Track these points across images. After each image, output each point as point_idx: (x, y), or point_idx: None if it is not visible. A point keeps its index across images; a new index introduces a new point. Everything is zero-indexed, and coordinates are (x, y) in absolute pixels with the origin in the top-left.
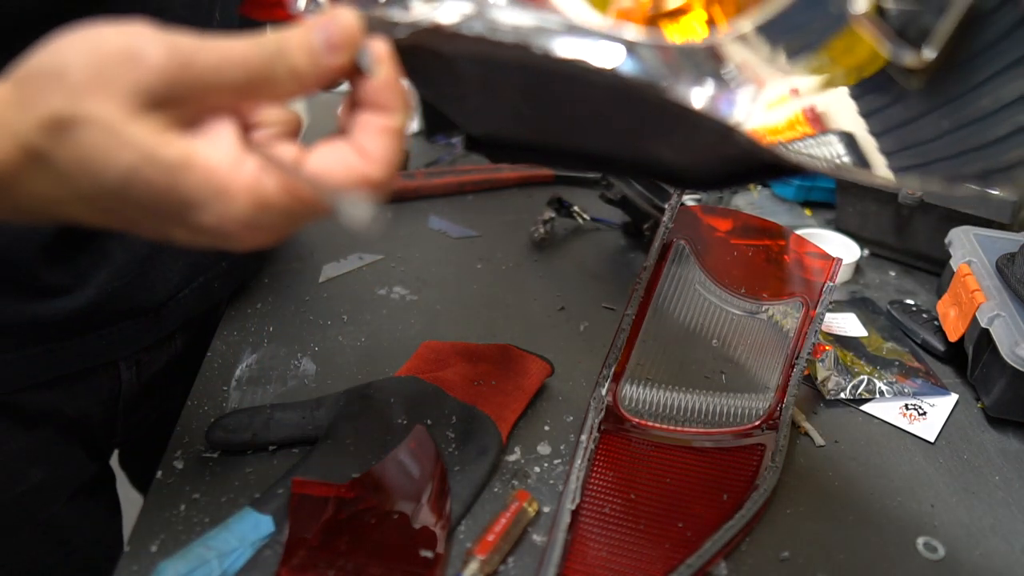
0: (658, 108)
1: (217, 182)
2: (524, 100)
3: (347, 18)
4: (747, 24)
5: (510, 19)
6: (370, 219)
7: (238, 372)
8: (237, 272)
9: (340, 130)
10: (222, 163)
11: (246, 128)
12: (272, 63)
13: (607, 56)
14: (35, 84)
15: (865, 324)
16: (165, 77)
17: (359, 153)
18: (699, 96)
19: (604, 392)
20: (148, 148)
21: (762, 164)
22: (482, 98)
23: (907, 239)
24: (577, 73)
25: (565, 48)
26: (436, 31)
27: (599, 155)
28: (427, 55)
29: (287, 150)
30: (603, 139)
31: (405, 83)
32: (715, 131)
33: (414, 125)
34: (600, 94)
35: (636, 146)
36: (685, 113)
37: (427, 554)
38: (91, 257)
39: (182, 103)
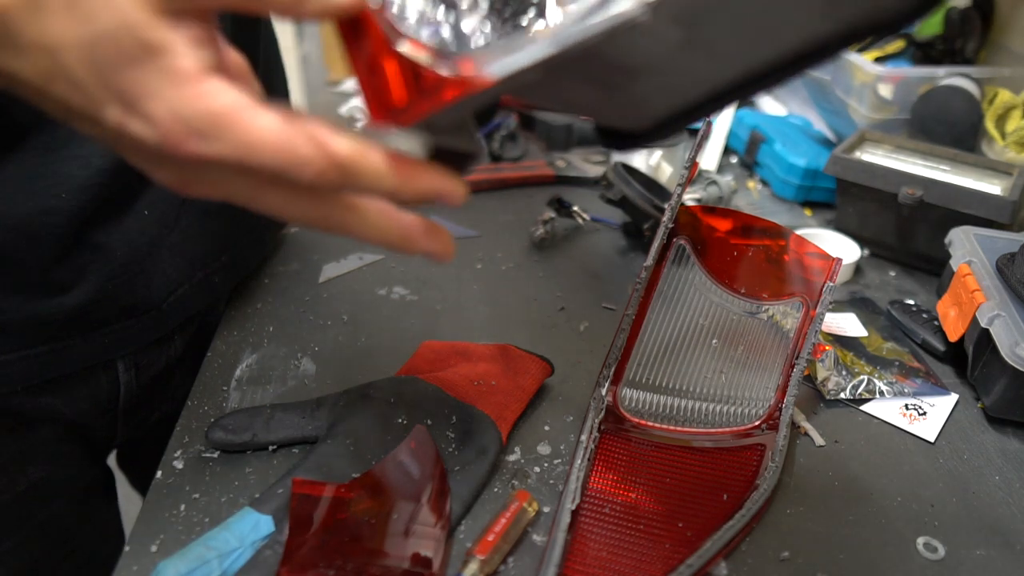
0: None
1: (182, 74)
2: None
3: None
4: None
5: None
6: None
7: (238, 372)
8: (237, 267)
9: None
10: (193, 61)
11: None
12: None
13: None
14: None
15: (865, 324)
16: None
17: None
18: None
19: (604, 392)
20: (133, 20)
21: None
22: (678, 61)
23: (907, 239)
24: None
25: None
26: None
27: (764, 63)
28: (594, 54)
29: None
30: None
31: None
32: None
33: None
34: None
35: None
36: None
37: (427, 554)
38: (90, 253)
39: None
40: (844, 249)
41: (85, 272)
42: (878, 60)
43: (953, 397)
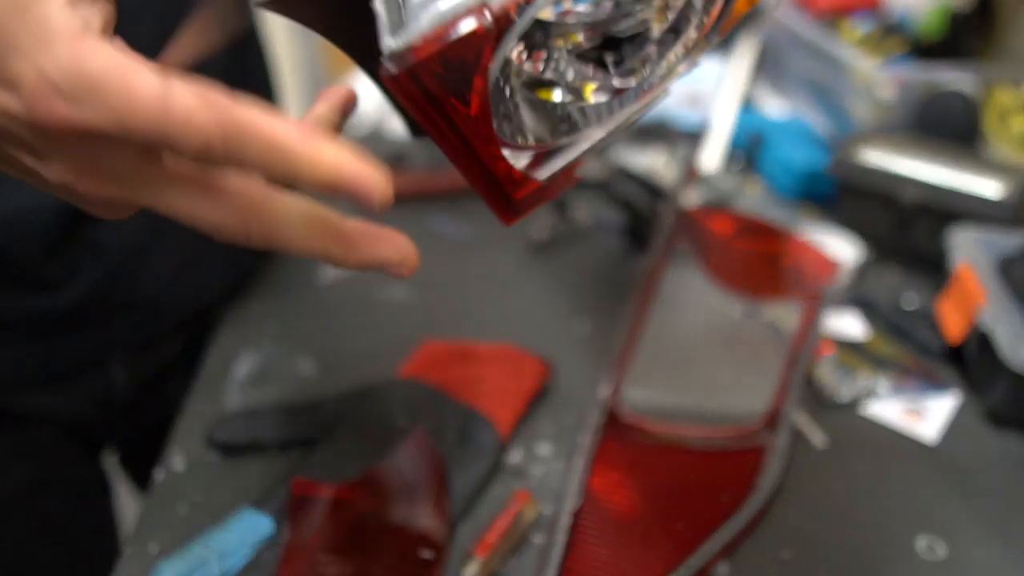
0: None
1: (53, 32)
2: None
3: None
4: None
5: None
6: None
7: (238, 372)
8: (234, 266)
9: None
10: (66, 19)
11: None
12: None
13: None
14: None
15: (865, 325)
16: None
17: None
18: None
19: (604, 392)
20: None
21: None
22: None
23: (907, 239)
24: None
25: None
26: None
27: None
28: None
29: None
30: None
31: None
32: None
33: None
34: None
35: None
36: None
37: (427, 555)
38: (84, 250)
39: None
40: (844, 250)
41: (77, 269)
42: (879, 61)
43: (953, 398)
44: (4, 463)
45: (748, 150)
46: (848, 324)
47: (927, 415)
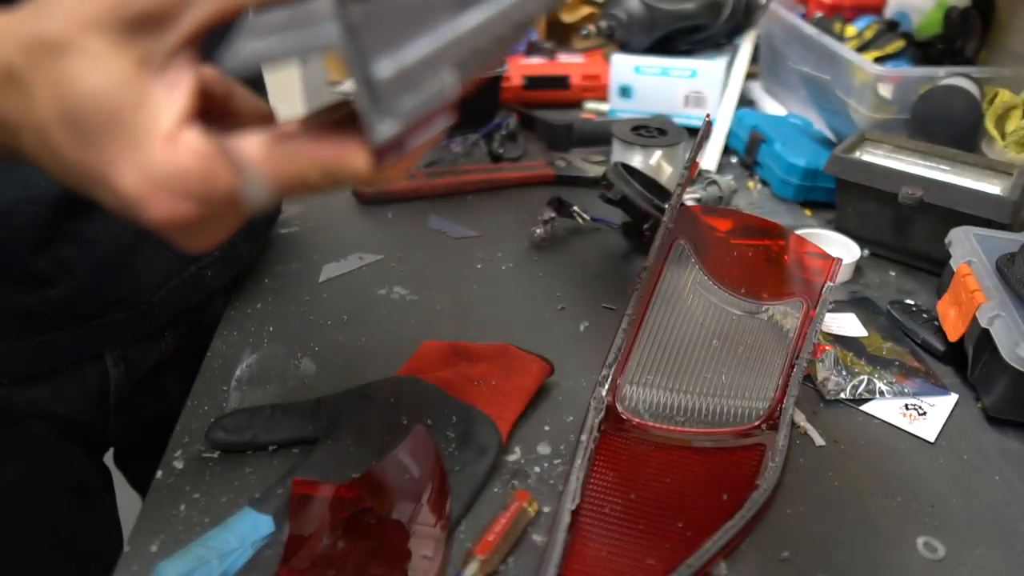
0: None
1: (154, 133)
2: None
3: None
4: None
5: None
6: (262, 200)
7: (238, 372)
8: (230, 262)
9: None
10: (168, 118)
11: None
12: None
13: None
14: (29, 9)
15: (865, 324)
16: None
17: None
18: None
19: (604, 392)
20: (117, 79)
21: None
22: None
23: (907, 239)
24: None
25: None
26: None
27: None
28: None
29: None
30: None
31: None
32: None
33: None
34: None
35: None
36: None
37: (427, 554)
38: (72, 245)
39: (162, 24)
40: (844, 249)
41: (67, 264)
42: (878, 60)
43: (953, 397)
44: None
45: (748, 150)
46: (848, 323)
47: (927, 415)
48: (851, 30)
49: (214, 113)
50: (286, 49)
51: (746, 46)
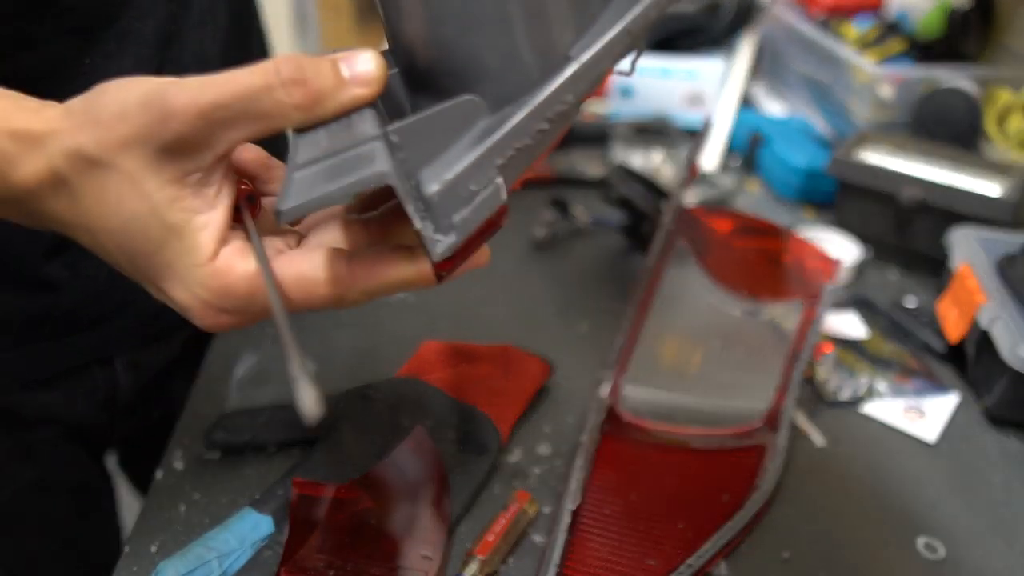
0: None
1: (196, 256)
2: None
3: (369, 58)
4: None
5: None
6: (313, 410)
7: (238, 372)
8: None
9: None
10: (208, 239)
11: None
12: (277, 88)
13: None
14: (76, 118)
15: (865, 324)
16: (182, 124)
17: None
18: None
19: (604, 392)
20: (156, 202)
21: None
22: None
23: (907, 239)
24: None
25: None
26: None
27: None
28: None
29: (274, 243)
30: None
31: None
32: None
33: None
34: None
35: None
36: None
37: (427, 554)
38: (85, 251)
39: (196, 148)
40: (844, 250)
41: (78, 269)
42: (879, 61)
43: (953, 397)
44: (7, 464)
45: (748, 150)
46: (848, 324)
47: (927, 415)
48: (851, 31)
49: (253, 183)
50: (336, 194)
51: (746, 47)
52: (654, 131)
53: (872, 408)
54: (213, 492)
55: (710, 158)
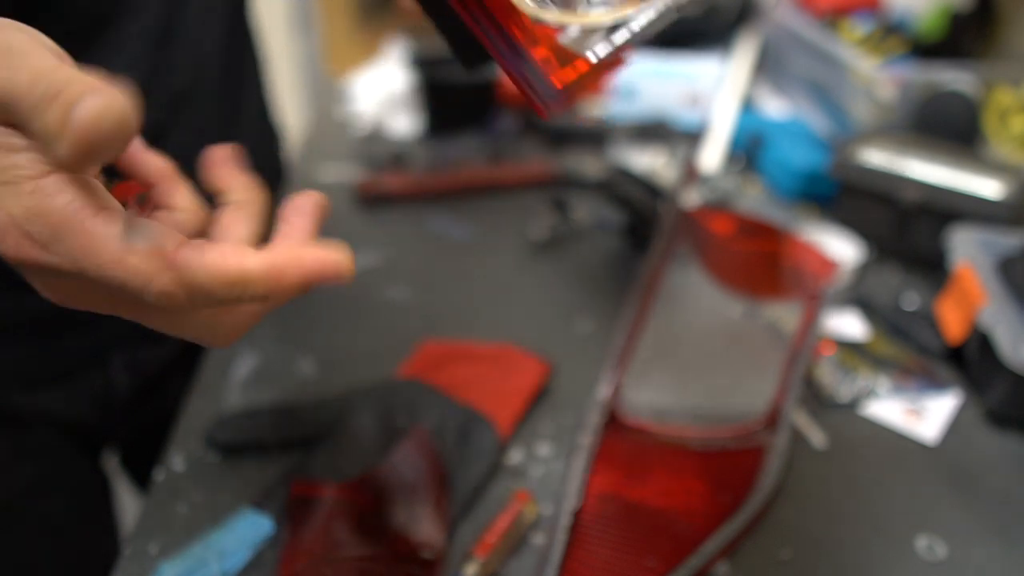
0: None
1: (17, 174)
2: None
3: None
4: None
5: None
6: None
7: (238, 372)
8: None
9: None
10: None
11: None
12: None
13: None
14: None
15: (865, 324)
16: None
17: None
18: None
19: (604, 393)
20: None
21: None
22: None
23: (907, 239)
24: None
25: None
26: None
27: None
28: None
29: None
30: None
31: None
32: None
33: (420, 124)
34: None
35: None
36: None
37: (427, 554)
38: None
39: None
40: (844, 250)
41: None
42: (879, 61)
43: (953, 398)
44: (6, 464)
45: (748, 150)
46: (848, 324)
47: (927, 415)
48: (852, 32)
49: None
50: None
51: (747, 47)
52: (654, 132)
53: (872, 408)
54: (213, 492)
55: (711, 159)
